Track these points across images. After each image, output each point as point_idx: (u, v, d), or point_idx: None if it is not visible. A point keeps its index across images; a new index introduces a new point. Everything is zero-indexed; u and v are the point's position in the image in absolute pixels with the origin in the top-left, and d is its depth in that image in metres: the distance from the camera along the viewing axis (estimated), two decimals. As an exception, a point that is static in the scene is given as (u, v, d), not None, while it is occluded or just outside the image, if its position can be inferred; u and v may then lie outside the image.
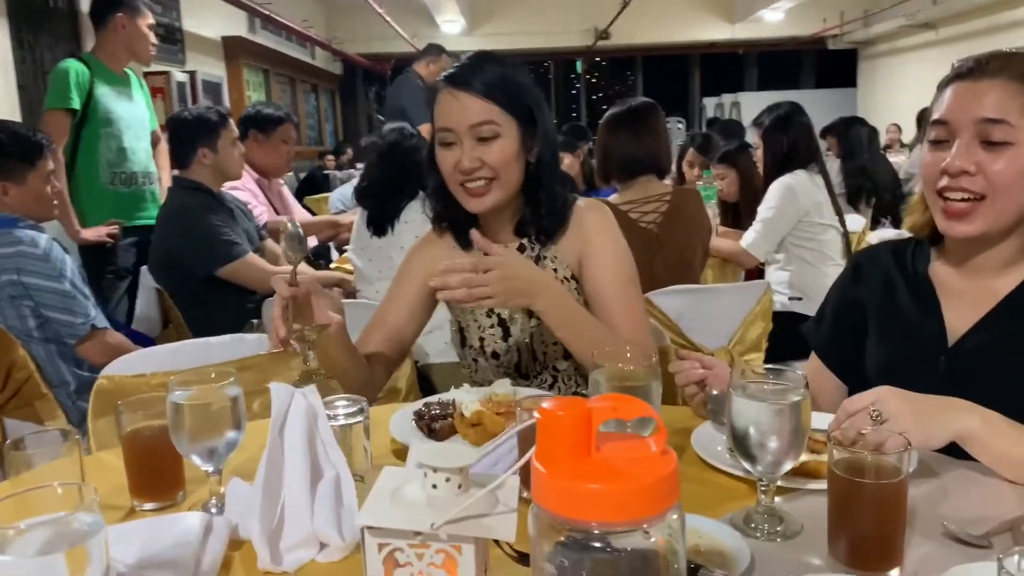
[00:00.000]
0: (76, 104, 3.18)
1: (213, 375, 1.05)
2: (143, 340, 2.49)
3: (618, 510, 0.54)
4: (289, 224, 1.32)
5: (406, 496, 0.65)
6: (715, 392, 1.16)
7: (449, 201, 1.50)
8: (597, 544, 0.55)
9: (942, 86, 1.17)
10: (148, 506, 1.07)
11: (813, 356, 1.39)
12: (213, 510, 1.02)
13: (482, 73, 1.41)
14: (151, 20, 3.40)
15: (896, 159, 6.73)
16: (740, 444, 0.90)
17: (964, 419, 0.97)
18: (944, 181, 1.12)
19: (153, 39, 3.41)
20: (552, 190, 1.48)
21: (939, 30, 10.35)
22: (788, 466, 0.91)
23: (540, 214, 1.48)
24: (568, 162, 4.56)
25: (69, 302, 2.11)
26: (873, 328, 1.29)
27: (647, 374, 1.03)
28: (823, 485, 0.99)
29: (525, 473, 0.66)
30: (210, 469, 1.03)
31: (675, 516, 0.57)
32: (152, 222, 3.23)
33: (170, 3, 6.28)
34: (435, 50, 5.32)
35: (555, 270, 1.51)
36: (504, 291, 1.29)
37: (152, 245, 2.77)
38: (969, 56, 1.15)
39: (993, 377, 1.09)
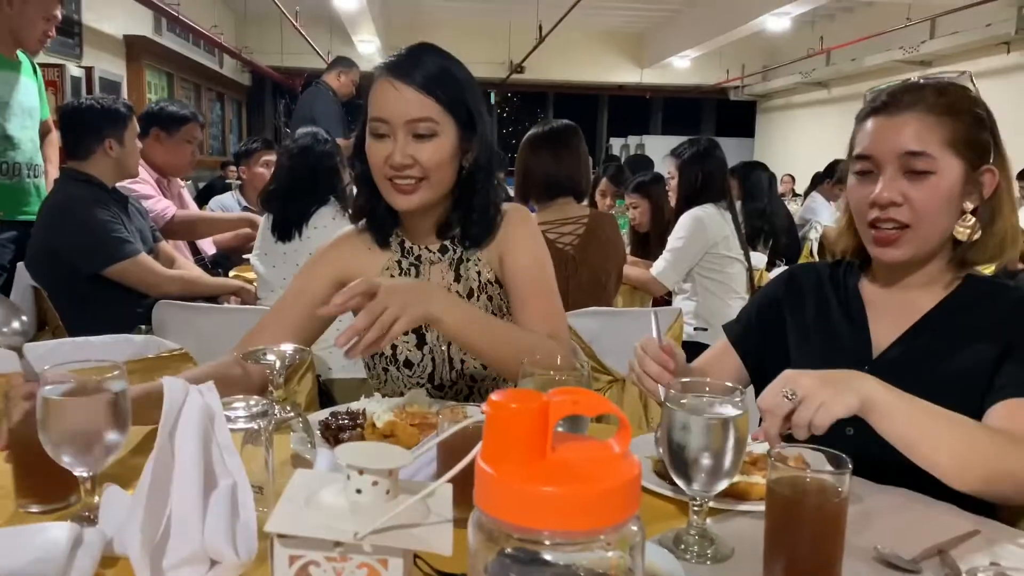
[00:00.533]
0: None
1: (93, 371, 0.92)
2: (13, 342, 2.26)
3: (575, 518, 0.48)
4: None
5: (324, 502, 0.56)
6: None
7: (372, 193, 1.42)
8: (548, 556, 0.49)
9: (860, 119, 1.22)
10: (34, 508, 0.96)
11: (718, 344, 1.40)
12: (84, 521, 0.90)
13: (424, 66, 1.34)
14: (52, 11, 3.12)
15: (790, 206, 7.05)
16: (675, 460, 0.86)
17: (867, 383, 0.98)
18: (874, 213, 1.16)
19: (50, 31, 3.14)
20: (486, 198, 1.42)
21: (831, 89, 11.01)
22: (724, 484, 0.87)
23: (471, 220, 1.43)
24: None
25: None
26: (802, 336, 1.30)
27: (578, 380, 0.98)
28: (754, 507, 0.96)
29: (457, 482, 0.59)
30: (83, 474, 0.90)
31: (635, 528, 0.51)
32: (34, 217, 2.99)
33: (69, -6, 5.95)
34: (346, 62, 5.23)
35: (479, 272, 1.45)
36: (401, 304, 1.16)
37: (32, 238, 2.54)
38: (881, 89, 1.21)
39: (913, 387, 1.11)
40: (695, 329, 3.04)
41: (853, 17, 9.81)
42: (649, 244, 3.72)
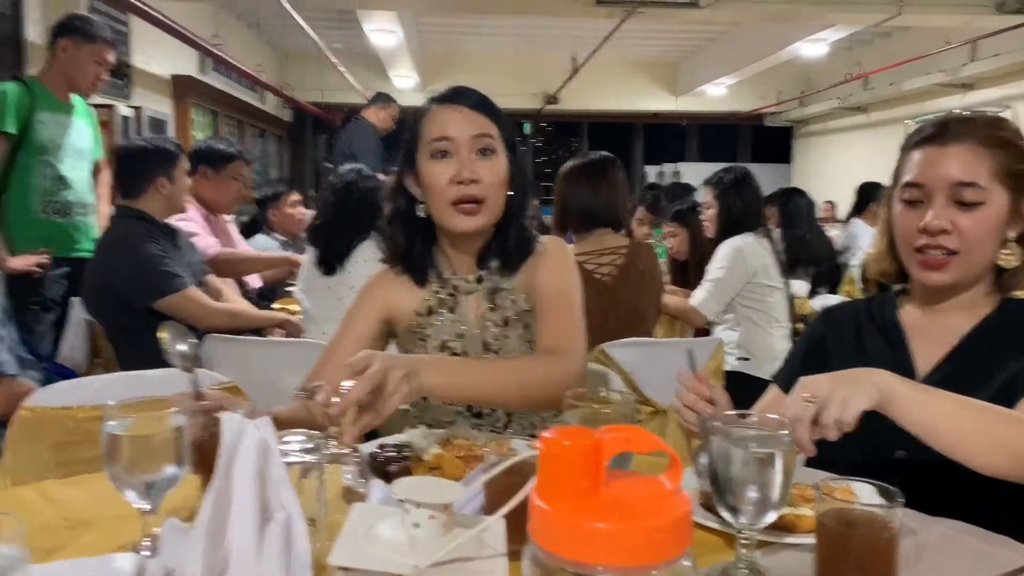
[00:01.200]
0: (11, 128, 3.06)
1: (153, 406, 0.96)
2: (66, 375, 2.34)
3: (629, 553, 0.49)
4: None
5: (383, 535, 0.58)
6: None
7: (411, 232, 1.47)
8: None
9: (908, 148, 1.25)
10: None
11: (771, 390, 1.40)
12: (146, 552, 0.92)
13: (475, 94, 1.44)
14: (105, 55, 3.26)
15: (831, 233, 6.98)
16: (721, 493, 0.86)
17: (881, 376, 1.01)
18: (923, 239, 1.19)
19: (102, 75, 3.28)
20: (522, 223, 1.48)
21: (870, 113, 10.90)
22: (772, 517, 0.87)
23: (508, 246, 1.47)
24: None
25: None
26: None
27: (624, 416, 0.99)
28: (803, 539, 0.96)
29: (510, 516, 0.61)
30: (146, 507, 0.94)
31: (687, 563, 0.52)
32: (85, 254, 3.10)
33: (120, 38, 6.16)
34: (385, 98, 5.34)
35: (513, 301, 1.48)
36: (395, 380, 1.14)
37: (87, 273, 2.62)
38: (928, 119, 1.24)
39: None
40: (738, 359, 3.02)
41: (891, 42, 9.74)
42: (688, 273, 3.73)
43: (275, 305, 3.40)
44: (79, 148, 3.28)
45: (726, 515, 0.88)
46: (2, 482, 1.48)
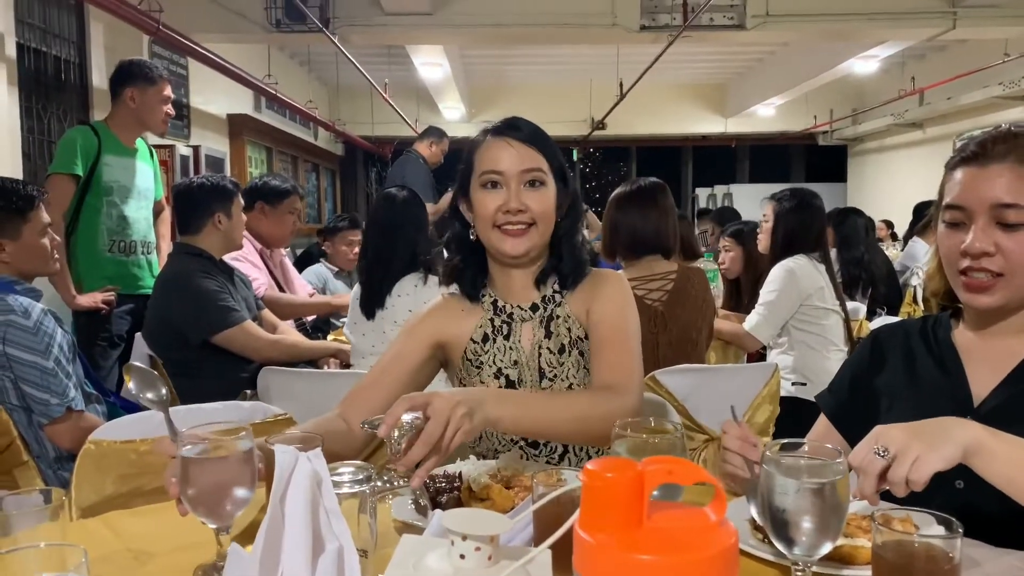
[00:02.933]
0: (80, 171, 3.20)
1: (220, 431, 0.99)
2: (130, 409, 2.41)
3: (674, 585, 0.49)
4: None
5: (430, 567, 0.59)
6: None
7: (465, 253, 1.52)
8: (648, 623, 0.50)
9: (950, 167, 1.22)
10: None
11: (821, 419, 1.37)
12: (216, 571, 0.95)
13: (527, 127, 1.48)
14: (167, 92, 3.41)
15: (888, 252, 6.81)
16: (776, 524, 0.85)
17: (966, 430, 0.96)
18: (966, 262, 1.16)
19: (169, 110, 3.44)
20: (574, 243, 1.51)
21: (926, 129, 10.65)
22: (827, 548, 0.85)
23: (563, 267, 1.50)
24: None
25: (49, 379, 2.00)
26: (894, 397, 1.28)
27: (673, 446, 0.98)
28: (860, 572, 0.93)
29: (556, 548, 0.61)
30: (215, 527, 0.97)
31: (733, 595, 0.51)
32: (148, 291, 3.21)
33: (179, 81, 6.42)
34: (436, 132, 5.43)
35: (568, 329, 1.50)
36: (460, 417, 1.11)
37: (148, 309, 2.72)
38: (970, 137, 1.20)
39: (1016, 434, 1.08)
40: (793, 384, 2.96)
41: (946, 55, 9.53)
42: (740, 292, 3.68)
43: (330, 336, 3.46)
44: (142, 189, 3.43)
45: (780, 546, 0.86)
46: (69, 514, 1.53)
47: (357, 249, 4.28)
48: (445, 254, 1.58)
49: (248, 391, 2.52)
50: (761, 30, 6.72)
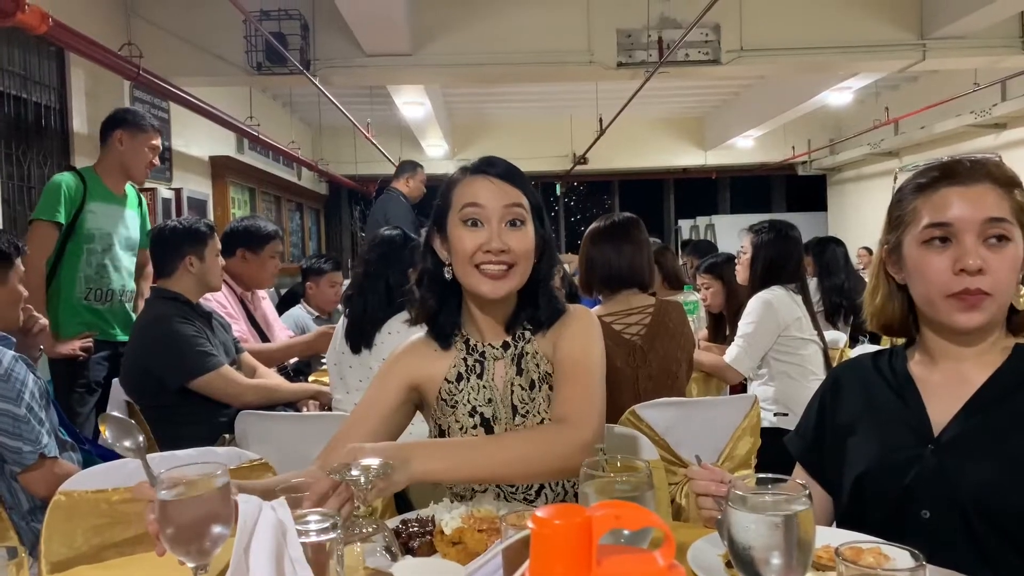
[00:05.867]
0: (62, 218, 3.19)
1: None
2: (107, 457, 2.38)
3: (622, 632, 0.49)
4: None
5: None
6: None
7: (438, 293, 1.50)
8: (598, 672, 0.49)
9: (923, 188, 1.22)
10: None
11: (798, 467, 1.39)
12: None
13: (507, 165, 1.47)
14: (155, 141, 3.42)
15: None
16: (741, 560, 0.84)
17: None
18: (958, 283, 1.15)
19: (154, 160, 3.43)
20: (548, 287, 1.50)
21: (903, 158, 10.82)
22: (795, 585, 0.84)
23: (538, 314, 1.49)
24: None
25: (21, 427, 1.97)
26: (856, 432, 1.29)
27: (641, 484, 0.98)
28: (831, 607, 0.93)
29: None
30: (196, 565, 0.96)
31: (684, 639, 0.51)
32: (124, 338, 3.19)
33: (161, 125, 6.42)
34: (409, 166, 5.46)
35: (538, 365, 1.49)
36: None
37: (125, 355, 2.69)
38: (940, 161, 1.22)
39: (979, 465, 1.11)
40: (775, 415, 2.96)
41: (918, 85, 9.72)
42: (723, 325, 3.70)
43: (311, 377, 3.43)
44: (126, 237, 3.41)
45: (748, 584, 0.86)
46: (39, 569, 1.50)
47: (341, 291, 4.28)
48: (416, 291, 1.55)
49: (227, 435, 2.49)
50: (736, 64, 6.84)
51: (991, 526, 1.05)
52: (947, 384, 1.22)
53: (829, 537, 1.01)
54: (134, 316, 3.38)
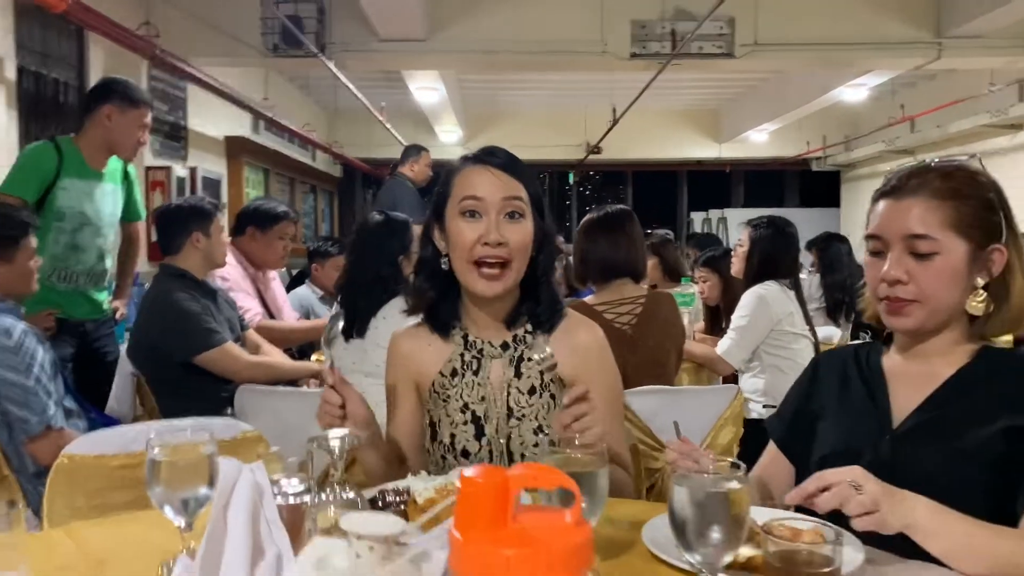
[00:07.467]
0: (30, 196, 2.95)
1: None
2: (112, 425, 2.47)
3: (531, 575, 0.55)
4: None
5: (331, 564, 0.65)
6: None
7: (436, 283, 1.50)
8: (510, 612, 0.56)
9: (873, 200, 1.30)
10: None
11: (771, 444, 1.45)
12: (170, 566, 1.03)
13: (507, 156, 1.47)
14: (147, 119, 3.16)
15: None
16: (679, 532, 0.91)
17: (917, 509, 1.05)
18: (884, 289, 1.24)
19: (144, 138, 3.17)
20: (550, 284, 1.51)
21: (918, 156, 10.75)
22: (727, 558, 0.91)
23: (539, 311, 1.50)
24: (551, 267, 4.63)
25: (29, 397, 2.06)
26: (826, 418, 1.36)
27: (595, 461, 1.04)
28: (766, 580, 0.99)
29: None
30: (182, 523, 1.05)
31: (587, 588, 0.57)
32: (90, 317, 3.14)
33: (177, 104, 6.53)
34: (414, 150, 5.50)
35: (540, 372, 1.47)
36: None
37: (132, 329, 2.78)
38: (895, 171, 1.27)
39: (930, 456, 1.18)
40: (764, 407, 3.02)
41: (935, 84, 9.66)
42: (720, 318, 3.75)
43: (313, 357, 3.51)
44: (101, 215, 3.17)
45: (685, 555, 0.92)
46: (41, 526, 1.59)
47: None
48: (413, 280, 1.56)
49: (229, 409, 2.58)
50: (750, 58, 6.84)
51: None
52: (914, 379, 1.28)
53: (769, 515, 1.07)
54: (101, 296, 3.23)
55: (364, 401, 1.41)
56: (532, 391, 1.49)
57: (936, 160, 1.30)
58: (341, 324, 2.57)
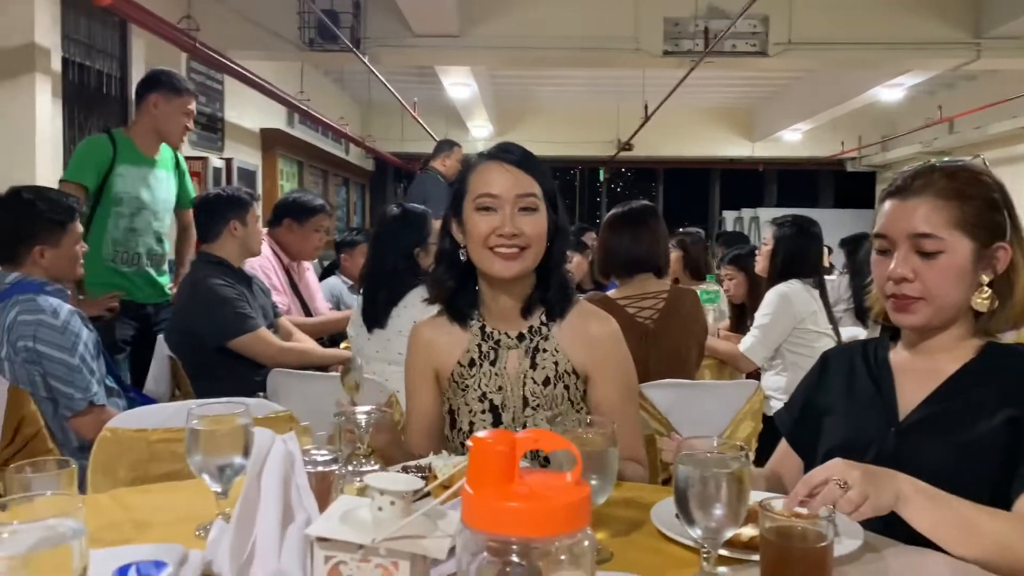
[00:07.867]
0: (89, 182, 3.18)
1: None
2: (150, 403, 2.57)
3: (537, 526, 0.61)
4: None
5: (355, 516, 0.72)
6: None
7: (456, 274, 1.56)
8: (515, 558, 0.62)
9: (880, 200, 1.34)
10: None
11: (782, 443, 1.49)
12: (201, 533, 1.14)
13: (522, 152, 1.52)
14: (191, 106, 3.37)
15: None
16: (682, 508, 0.96)
17: (903, 485, 1.09)
18: (891, 286, 1.27)
19: (189, 124, 3.38)
20: (561, 271, 1.57)
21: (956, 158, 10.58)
22: (728, 533, 0.96)
23: (550, 295, 1.55)
24: (577, 261, 4.69)
25: (74, 375, 2.16)
26: (834, 412, 1.40)
27: (604, 441, 1.10)
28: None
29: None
30: (218, 490, 1.15)
31: (585, 542, 0.63)
32: (151, 300, 3.32)
33: (214, 96, 6.68)
34: (446, 145, 5.56)
35: (555, 363, 1.54)
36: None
37: (172, 314, 2.88)
38: (901, 171, 1.30)
39: (935, 449, 1.21)
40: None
41: (975, 85, 9.52)
42: (746, 316, 3.77)
43: (343, 344, 3.59)
44: (158, 199, 3.38)
45: (688, 529, 0.98)
46: (83, 490, 1.68)
47: None
48: (434, 271, 1.62)
49: (261, 393, 2.66)
50: (783, 57, 6.82)
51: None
52: (920, 374, 1.31)
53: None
54: (164, 279, 3.42)
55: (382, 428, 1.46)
56: (547, 382, 1.55)
57: (937, 161, 1.33)
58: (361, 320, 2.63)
